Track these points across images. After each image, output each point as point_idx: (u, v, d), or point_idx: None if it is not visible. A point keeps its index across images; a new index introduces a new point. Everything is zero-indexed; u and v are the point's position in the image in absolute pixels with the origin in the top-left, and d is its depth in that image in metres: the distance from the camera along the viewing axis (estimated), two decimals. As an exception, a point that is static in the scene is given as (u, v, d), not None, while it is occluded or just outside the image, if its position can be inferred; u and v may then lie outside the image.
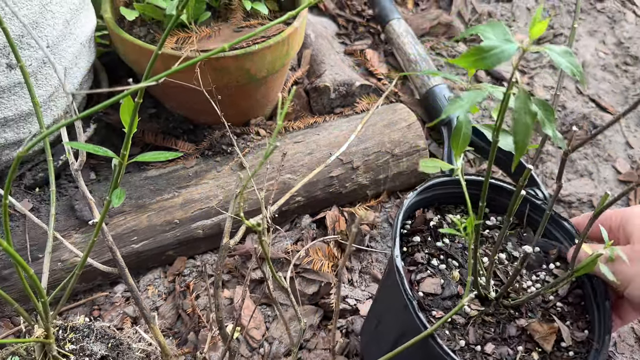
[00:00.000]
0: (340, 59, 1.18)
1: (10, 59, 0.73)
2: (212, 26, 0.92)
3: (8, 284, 0.80)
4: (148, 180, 0.89)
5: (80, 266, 0.61)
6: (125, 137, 0.54)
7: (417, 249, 0.65)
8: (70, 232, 0.84)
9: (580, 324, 0.61)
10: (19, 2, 0.70)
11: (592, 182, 1.17)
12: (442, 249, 0.66)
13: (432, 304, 0.60)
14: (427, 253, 0.65)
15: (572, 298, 0.64)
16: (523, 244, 0.69)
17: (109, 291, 0.89)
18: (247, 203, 0.91)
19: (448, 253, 0.65)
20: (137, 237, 0.86)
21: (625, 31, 1.56)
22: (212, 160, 0.94)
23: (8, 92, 0.75)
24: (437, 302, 0.60)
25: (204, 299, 0.88)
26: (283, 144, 0.97)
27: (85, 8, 0.85)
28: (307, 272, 0.91)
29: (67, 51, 0.82)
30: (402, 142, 1.01)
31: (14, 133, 0.81)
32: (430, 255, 0.65)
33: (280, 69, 0.95)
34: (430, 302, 0.60)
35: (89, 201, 0.64)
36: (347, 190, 0.99)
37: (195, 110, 0.98)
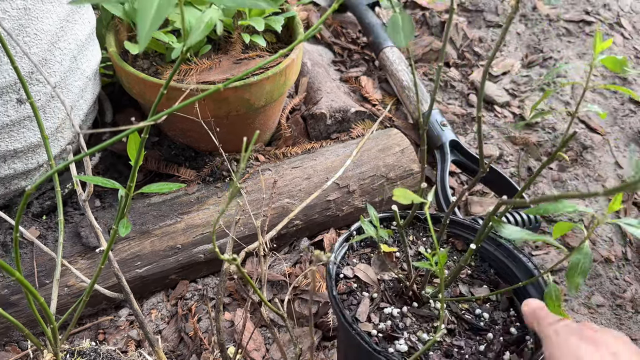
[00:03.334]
0: (336, 85, 1.23)
1: (21, 95, 0.76)
2: (213, 58, 0.96)
3: (17, 310, 0.83)
4: (151, 207, 0.92)
5: (87, 292, 0.64)
6: (131, 170, 0.57)
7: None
8: (77, 258, 0.86)
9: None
10: (30, 41, 0.74)
11: (583, 202, 1.21)
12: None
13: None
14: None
15: None
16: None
17: (114, 315, 0.92)
18: (247, 227, 0.94)
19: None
20: (141, 262, 0.89)
21: (613, 53, 1.61)
22: (213, 186, 0.97)
23: (18, 126, 0.79)
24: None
25: (206, 321, 0.91)
26: (281, 170, 1.01)
27: (91, 44, 0.90)
28: (305, 293, 0.93)
29: (74, 85, 0.86)
30: (397, 166, 1.05)
31: (22, 164, 0.84)
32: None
33: (278, 98, 0.98)
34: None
35: (96, 230, 0.67)
36: (344, 214, 1.02)
37: (196, 138, 1.02)
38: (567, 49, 1.60)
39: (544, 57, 1.55)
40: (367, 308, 0.65)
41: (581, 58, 1.58)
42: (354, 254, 0.73)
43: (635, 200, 1.21)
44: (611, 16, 1.72)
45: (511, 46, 1.58)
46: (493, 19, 1.65)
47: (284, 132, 1.11)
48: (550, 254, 1.11)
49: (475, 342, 0.62)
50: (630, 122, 1.40)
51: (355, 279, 0.69)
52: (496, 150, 1.28)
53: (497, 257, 0.72)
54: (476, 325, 0.64)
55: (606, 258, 1.11)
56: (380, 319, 0.64)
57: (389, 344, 0.61)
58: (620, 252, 1.13)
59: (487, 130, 1.33)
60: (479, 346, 0.62)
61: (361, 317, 0.64)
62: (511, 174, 1.25)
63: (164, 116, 0.51)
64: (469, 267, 0.72)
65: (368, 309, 0.65)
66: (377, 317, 0.65)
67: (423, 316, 0.65)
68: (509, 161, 1.27)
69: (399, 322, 0.64)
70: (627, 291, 1.07)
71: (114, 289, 0.87)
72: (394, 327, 0.63)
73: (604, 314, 1.03)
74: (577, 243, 1.13)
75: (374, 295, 0.67)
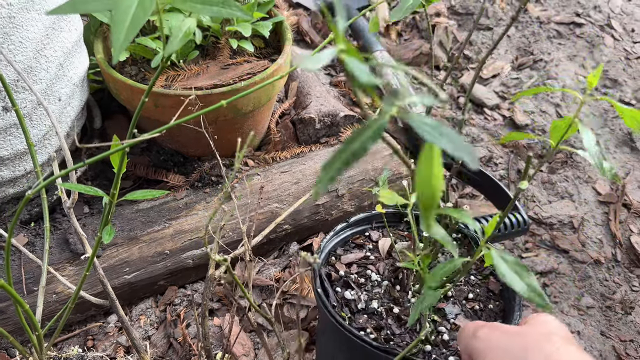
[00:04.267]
0: (325, 90, 1.23)
1: (6, 102, 0.77)
2: (201, 64, 0.97)
3: (4, 317, 0.83)
4: (139, 213, 0.92)
5: (73, 300, 0.64)
6: (114, 177, 0.58)
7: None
8: (65, 264, 0.86)
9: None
10: (14, 49, 0.74)
11: (573, 204, 1.21)
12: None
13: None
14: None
15: None
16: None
17: (103, 321, 0.92)
18: (236, 232, 0.94)
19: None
20: (129, 268, 0.89)
21: (604, 55, 1.61)
22: (202, 191, 0.97)
23: (4, 133, 0.79)
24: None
25: (194, 327, 0.91)
26: (270, 174, 1.01)
27: (78, 51, 0.90)
28: (294, 297, 0.94)
29: (60, 92, 0.86)
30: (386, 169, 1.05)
31: (9, 171, 0.84)
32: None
33: (266, 103, 0.99)
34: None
35: (81, 237, 0.67)
36: (333, 218, 1.02)
37: (184, 144, 1.02)
38: (557, 51, 1.60)
39: (534, 60, 1.56)
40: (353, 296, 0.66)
41: (572, 60, 1.59)
42: (342, 249, 0.74)
43: (625, 202, 1.22)
44: (602, 18, 1.72)
45: (501, 49, 1.59)
46: (483, 22, 1.65)
47: (273, 136, 1.11)
48: (540, 256, 1.12)
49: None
50: (620, 123, 1.41)
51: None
52: (486, 152, 1.29)
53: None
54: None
55: (596, 260, 1.12)
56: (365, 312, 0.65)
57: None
58: (610, 254, 1.13)
59: (477, 133, 1.34)
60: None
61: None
62: (501, 177, 1.26)
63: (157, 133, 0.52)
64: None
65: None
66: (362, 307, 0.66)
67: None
68: (498, 164, 1.28)
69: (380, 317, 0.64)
70: (617, 293, 1.07)
71: (102, 296, 0.87)
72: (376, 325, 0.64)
73: (593, 315, 1.04)
74: (567, 246, 1.13)
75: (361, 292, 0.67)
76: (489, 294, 0.68)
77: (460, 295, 0.67)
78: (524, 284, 0.44)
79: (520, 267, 0.45)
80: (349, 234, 0.75)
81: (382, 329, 0.64)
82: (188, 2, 0.43)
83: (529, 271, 0.45)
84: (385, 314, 0.65)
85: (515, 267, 0.46)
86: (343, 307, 0.66)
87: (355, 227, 0.76)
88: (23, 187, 0.90)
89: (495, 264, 0.46)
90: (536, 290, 0.44)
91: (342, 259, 0.72)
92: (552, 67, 1.54)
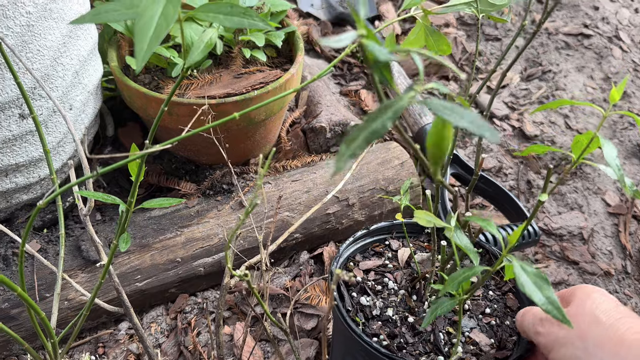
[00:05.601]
0: (335, 99, 1.23)
1: (23, 110, 0.77)
2: (214, 73, 0.97)
3: (17, 323, 0.83)
4: (151, 220, 0.93)
5: (87, 307, 0.64)
6: (132, 186, 0.58)
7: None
8: (77, 271, 0.87)
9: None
10: (32, 57, 0.75)
11: (582, 215, 1.21)
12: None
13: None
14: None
15: None
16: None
17: (113, 329, 0.92)
18: (247, 241, 0.95)
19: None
20: (141, 276, 0.89)
21: (612, 66, 1.62)
22: (213, 199, 0.98)
23: (20, 140, 0.80)
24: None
25: (205, 335, 0.91)
26: (281, 183, 1.01)
27: (93, 59, 0.91)
28: (305, 307, 0.94)
29: (75, 99, 0.87)
30: (396, 179, 1.05)
31: (24, 178, 0.85)
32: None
33: (278, 112, 0.99)
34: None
35: (96, 245, 0.67)
36: (343, 227, 1.02)
37: (197, 152, 1.02)
38: (565, 62, 1.61)
39: (543, 70, 1.57)
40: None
41: (580, 71, 1.59)
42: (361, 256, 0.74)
43: (635, 214, 1.22)
44: (610, 29, 1.73)
45: (510, 59, 1.59)
46: (492, 32, 1.66)
47: (284, 145, 1.12)
48: (550, 267, 1.11)
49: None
50: (630, 135, 1.41)
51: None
52: (495, 163, 1.29)
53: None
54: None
55: (606, 271, 1.11)
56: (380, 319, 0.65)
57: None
58: (620, 266, 1.13)
59: (486, 143, 1.34)
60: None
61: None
62: (510, 187, 1.26)
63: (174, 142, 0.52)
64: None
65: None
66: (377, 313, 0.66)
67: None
68: (508, 174, 1.28)
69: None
70: (627, 304, 1.07)
71: (113, 303, 0.87)
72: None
73: (604, 327, 1.03)
74: (577, 257, 1.13)
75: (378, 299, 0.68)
76: (506, 310, 0.68)
77: (477, 310, 0.67)
78: (543, 297, 0.44)
79: (540, 279, 0.45)
80: (368, 242, 0.75)
81: (395, 336, 0.64)
82: (211, 13, 0.44)
83: (549, 284, 0.45)
84: (399, 322, 0.65)
85: (536, 278, 0.46)
86: (358, 312, 0.66)
87: (376, 235, 0.76)
88: (36, 194, 0.90)
89: (516, 274, 0.46)
90: (555, 304, 0.44)
91: (361, 265, 0.72)
92: (561, 78, 1.54)
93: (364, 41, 0.32)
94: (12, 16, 0.70)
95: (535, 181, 1.26)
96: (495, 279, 0.72)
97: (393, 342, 0.63)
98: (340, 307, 0.64)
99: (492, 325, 0.66)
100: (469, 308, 0.67)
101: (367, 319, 0.66)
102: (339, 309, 0.63)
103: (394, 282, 0.70)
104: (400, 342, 0.63)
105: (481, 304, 0.68)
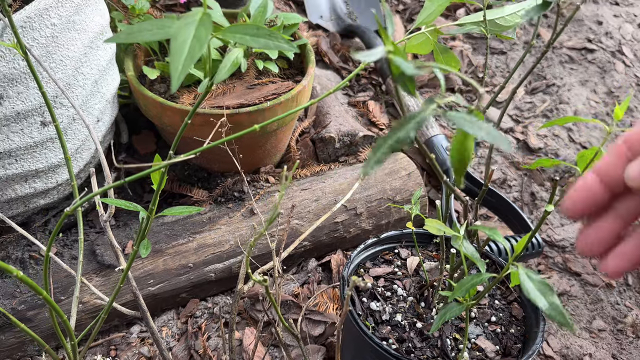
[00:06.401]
0: (344, 109, 1.26)
1: (45, 117, 0.80)
2: (227, 83, 1.00)
3: (32, 325, 0.85)
4: (164, 226, 0.95)
5: (106, 310, 0.67)
6: (154, 194, 0.60)
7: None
8: (91, 275, 0.89)
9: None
10: (55, 67, 0.78)
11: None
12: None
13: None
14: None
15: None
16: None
17: (125, 332, 0.94)
18: (257, 247, 0.97)
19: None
20: (154, 280, 0.91)
21: (615, 80, 1.64)
22: (225, 206, 1.00)
23: (40, 147, 0.82)
24: None
25: (215, 340, 0.93)
26: (291, 191, 1.03)
27: (111, 68, 0.93)
28: (313, 313, 0.96)
29: (94, 108, 0.89)
30: (403, 189, 1.08)
31: (42, 183, 0.87)
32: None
33: (289, 122, 1.02)
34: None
35: (115, 250, 0.70)
36: (351, 235, 1.05)
37: (209, 160, 1.05)
38: (569, 76, 1.63)
39: (547, 84, 1.59)
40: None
41: (583, 85, 1.62)
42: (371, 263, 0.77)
43: (636, 227, 1.24)
44: (613, 44, 1.76)
45: (515, 73, 1.62)
46: (497, 46, 1.69)
47: (293, 154, 1.14)
48: (553, 278, 1.14)
49: None
50: (632, 149, 1.43)
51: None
52: (500, 174, 1.31)
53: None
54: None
55: (607, 283, 1.13)
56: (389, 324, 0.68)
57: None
58: (621, 278, 1.15)
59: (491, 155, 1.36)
60: None
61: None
62: (514, 199, 1.28)
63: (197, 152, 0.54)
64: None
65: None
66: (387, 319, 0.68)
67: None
68: (512, 186, 1.30)
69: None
70: (628, 316, 1.08)
71: (127, 306, 0.89)
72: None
73: (605, 338, 1.05)
74: (579, 269, 1.15)
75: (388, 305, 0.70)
76: (512, 319, 0.70)
77: (483, 317, 0.69)
78: (547, 302, 0.46)
79: (544, 286, 0.48)
80: (378, 249, 0.78)
81: (404, 341, 0.66)
82: (238, 34, 0.46)
83: (552, 291, 0.47)
84: (408, 327, 0.67)
85: (541, 285, 0.48)
86: (368, 317, 0.68)
87: (386, 243, 0.78)
88: (53, 199, 0.93)
89: (522, 281, 0.48)
90: (558, 309, 0.46)
91: (371, 271, 0.74)
92: (565, 92, 1.57)
93: (391, 56, 0.35)
94: (38, 28, 0.73)
95: (539, 193, 1.28)
96: (501, 289, 0.74)
97: (401, 346, 0.65)
98: (352, 311, 0.66)
99: (497, 333, 0.68)
100: (475, 316, 0.70)
101: (377, 324, 0.68)
102: (351, 312, 0.66)
103: (402, 289, 0.72)
104: (408, 347, 0.65)
105: (487, 312, 0.70)
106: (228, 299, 0.99)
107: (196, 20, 0.41)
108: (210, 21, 0.41)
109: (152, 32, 0.44)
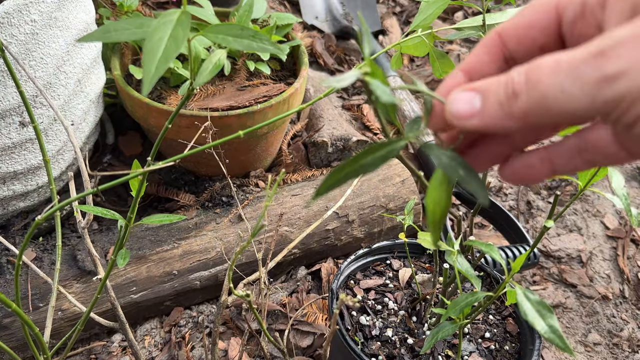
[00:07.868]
0: (338, 113, 1.23)
1: (24, 118, 0.76)
2: (217, 84, 0.97)
3: (9, 332, 0.81)
4: (149, 232, 0.92)
5: (82, 321, 0.63)
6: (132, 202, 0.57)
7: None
8: (72, 281, 0.86)
9: None
10: (35, 65, 0.74)
11: (581, 237, 1.21)
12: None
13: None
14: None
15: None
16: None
17: (106, 340, 0.90)
18: (245, 255, 0.94)
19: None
20: (136, 288, 0.88)
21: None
22: (212, 211, 0.97)
23: (19, 148, 0.79)
24: None
25: (199, 350, 0.90)
26: (281, 197, 1.00)
27: (96, 67, 0.90)
28: (301, 324, 0.93)
29: (77, 108, 0.86)
30: (397, 196, 1.05)
31: (22, 185, 0.84)
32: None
33: (280, 125, 0.99)
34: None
35: (94, 258, 0.66)
36: (342, 243, 1.02)
37: (196, 163, 1.01)
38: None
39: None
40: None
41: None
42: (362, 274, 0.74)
43: (634, 237, 1.21)
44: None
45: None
46: (495, 50, 1.66)
47: (284, 158, 1.11)
48: (548, 289, 1.11)
49: None
50: (629, 158, 1.41)
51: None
52: (496, 182, 1.29)
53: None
54: None
55: (603, 295, 1.11)
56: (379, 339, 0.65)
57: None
58: (617, 290, 1.12)
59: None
60: None
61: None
62: (510, 207, 1.25)
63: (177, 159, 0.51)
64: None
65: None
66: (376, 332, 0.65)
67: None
68: (508, 194, 1.27)
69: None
70: (624, 330, 1.06)
71: (107, 315, 0.86)
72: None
73: (600, 352, 1.03)
74: (575, 280, 1.12)
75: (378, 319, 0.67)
76: (506, 335, 0.67)
77: (477, 334, 0.66)
78: (546, 325, 0.44)
79: (543, 307, 0.45)
80: (370, 260, 0.75)
81: (394, 357, 0.63)
82: (220, 34, 0.43)
83: (551, 312, 0.45)
84: (399, 343, 0.65)
85: (539, 307, 0.45)
86: (357, 332, 0.65)
87: (377, 253, 0.76)
88: (33, 201, 0.89)
89: (519, 302, 0.45)
90: (557, 332, 0.43)
91: (361, 283, 0.71)
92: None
93: (367, 79, 0.30)
94: (17, 24, 0.69)
95: (535, 202, 1.26)
96: (496, 303, 0.71)
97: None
98: (341, 326, 0.63)
99: (491, 350, 0.65)
100: (468, 332, 0.67)
101: (366, 339, 0.65)
102: (339, 328, 0.63)
103: (394, 302, 0.70)
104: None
105: (481, 328, 0.67)
106: (213, 308, 0.96)
107: (174, 20, 0.38)
108: (189, 20, 0.38)
109: (130, 32, 0.41)
